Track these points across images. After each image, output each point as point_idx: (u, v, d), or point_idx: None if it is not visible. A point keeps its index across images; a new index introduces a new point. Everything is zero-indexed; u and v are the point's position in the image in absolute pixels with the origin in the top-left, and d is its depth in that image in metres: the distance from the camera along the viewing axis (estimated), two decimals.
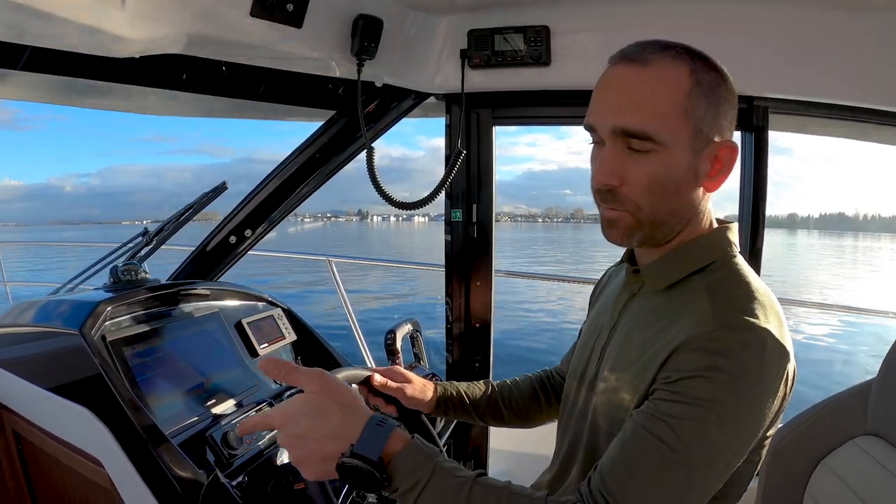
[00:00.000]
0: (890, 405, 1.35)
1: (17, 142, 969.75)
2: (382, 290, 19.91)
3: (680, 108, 0.93)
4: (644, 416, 0.90)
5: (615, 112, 0.95)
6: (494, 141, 2.18)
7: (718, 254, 1.02)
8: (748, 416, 0.87)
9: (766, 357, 0.87)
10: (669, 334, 0.94)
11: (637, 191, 0.97)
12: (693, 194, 0.99)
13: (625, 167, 0.96)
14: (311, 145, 2.18)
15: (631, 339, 1.05)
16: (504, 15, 1.90)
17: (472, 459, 2.43)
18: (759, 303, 0.92)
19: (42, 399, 1.55)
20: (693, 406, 0.85)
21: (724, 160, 0.98)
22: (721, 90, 0.97)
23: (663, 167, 0.95)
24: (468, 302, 2.29)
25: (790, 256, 64.94)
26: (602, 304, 1.26)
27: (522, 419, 1.51)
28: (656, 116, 0.93)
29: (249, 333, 1.92)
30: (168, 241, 2.09)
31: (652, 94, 0.93)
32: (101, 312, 1.54)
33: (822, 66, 1.82)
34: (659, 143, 0.93)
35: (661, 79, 0.93)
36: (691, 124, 0.94)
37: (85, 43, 1.34)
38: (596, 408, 1.08)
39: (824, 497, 1.40)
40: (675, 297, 1.02)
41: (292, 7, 1.55)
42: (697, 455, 0.85)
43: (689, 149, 0.95)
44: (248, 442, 1.57)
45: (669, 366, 0.90)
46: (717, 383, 0.85)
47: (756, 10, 1.78)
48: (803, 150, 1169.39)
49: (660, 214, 0.99)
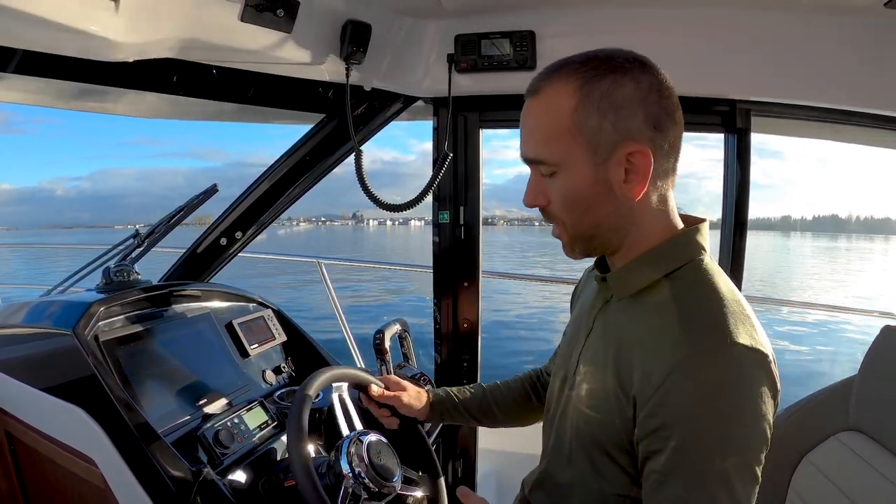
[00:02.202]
0: (871, 401, 1.38)
1: (8, 145, 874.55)
2: (374, 290, 19.94)
3: (565, 129, 0.96)
4: (653, 486, 0.91)
5: (522, 144, 1.03)
6: (481, 143, 2.21)
7: (686, 257, 1.02)
8: (746, 431, 0.88)
9: (742, 368, 0.88)
10: (644, 351, 0.95)
11: (557, 208, 1.03)
12: (614, 204, 1.00)
13: (544, 188, 1.03)
14: (300, 148, 2.20)
15: (605, 346, 1.06)
16: (490, 20, 1.93)
17: (460, 459, 2.45)
18: (728, 312, 0.92)
19: (35, 399, 1.56)
20: (691, 450, 0.86)
21: (637, 165, 0.96)
22: (620, 94, 0.94)
23: (568, 185, 0.99)
24: (456, 302, 2.31)
25: (784, 259, 65.05)
26: (580, 308, 1.28)
27: (515, 419, 1.55)
28: (544, 141, 0.98)
29: (240, 334, 1.94)
30: (161, 244, 2.11)
31: (539, 122, 0.99)
32: (93, 313, 1.55)
33: (803, 70, 1.85)
34: (555, 164, 0.98)
35: (546, 105, 0.98)
36: (583, 140, 0.95)
37: (77, 47, 1.35)
38: (576, 412, 1.10)
39: (808, 492, 1.43)
40: (644, 306, 1.02)
41: (282, 12, 1.57)
42: (715, 489, 0.86)
43: (589, 162, 0.97)
44: (239, 440, 1.59)
45: (648, 401, 0.90)
46: (704, 412, 0.86)
47: (737, 15, 1.81)
48: (795, 152, 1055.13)
49: (583, 228, 1.03)
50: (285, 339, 2.11)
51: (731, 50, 1.87)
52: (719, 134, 2.08)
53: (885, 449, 1.31)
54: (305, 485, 1.14)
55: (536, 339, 12.84)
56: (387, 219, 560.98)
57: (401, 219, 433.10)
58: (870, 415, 1.38)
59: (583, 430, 1.07)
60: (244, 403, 1.74)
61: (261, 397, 1.81)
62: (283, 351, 2.11)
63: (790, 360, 10.77)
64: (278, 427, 1.72)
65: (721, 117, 2.03)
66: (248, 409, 1.71)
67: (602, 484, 1.05)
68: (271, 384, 1.93)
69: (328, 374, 1.37)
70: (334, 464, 1.30)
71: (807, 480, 1.45)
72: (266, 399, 1.81)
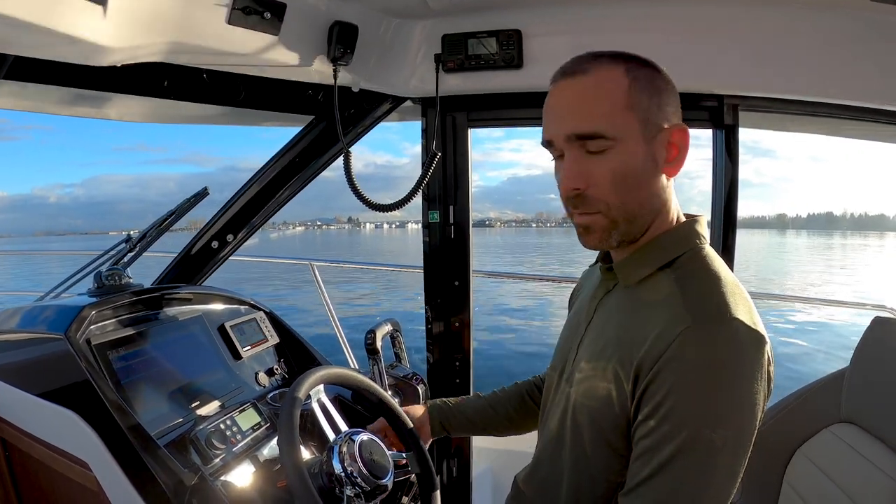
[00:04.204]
0: (862, 393, 1.39)
1: (1, 152, 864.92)
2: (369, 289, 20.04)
3: (623, 104, 0.98)
4: (642, 450, 0.94)
5: (566, 121, 1.01)
6: (470, 143, 2.22)
7: (687, 245, 1.06)
8: (737, 406, 0.90)
9: (742, 345, 0.90)
10: (646, 328, 0.97)
11: (604, 189, 1.01)
12: (657, 182, 1.03)
13: (587, 170, 1.01)
14: (290, 150, 2.21)
15: (606, 332, 1.09)
16: (477, 19, 1.94)
17: (455, 458, 2.45)
18: (728, 292, 0.96)
19: (28, 404, 1.55)
20: (684, 416, 0.89)
21: (679, 143, 1.02)
22: (658, 81, 1.02)
23: (622, 161, 0.99)
24: (447, 302, 2.32)
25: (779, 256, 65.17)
26: (579, 304, 1.30)
27: (516, 429, 1.57)
28: (603, 116, 0.98)
29: (232, 336, 1.94)
30: (153, 249, 2.11)
31: (595, 97, 0.99)
32: (85, 317, 1.55)
33: (790, 64, 1.87)
34: (612, 138, 0.98)
35: (600, 82, 0.99)
36: (638, 116, 0.99)
37: (66, 52, 1.35)
38: (573, 399, 1.12)
39: (802, 484, 1.44)
40: (648, 291, 1.05)
41: (269, 15, 1.58)
42: (698, 460, 0.89)
43: (642, 138, 0.99)
44: (233, 442, 1.59)
45: (649, 371, 0.93)
46: (700, 381, 0.89)
47: (723, 11, 1.82)
48: (787, 150, 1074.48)
49: (630, 208, 1.03)
50: (278, 341, 2.11)
51: (718, 46, 1.88)
52: (707, 130, 2.08)
53: (878, 440, 1.32)
54: (297, 486, 1.15)
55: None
56: (383, 222, 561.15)
57: (397, 222, 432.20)
58: (862, 406, 1.39)
59: (580, 413, 1.09)
60: (237, 405, 1.74)
61: (254, 399, 1.81)
62: (276, 353, 2.11)
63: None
64: (271, 428, 1.72)
65: (709, 113, 2.04)
66: (241, 410, 1.71)
67: (593, 470, 1.07)
68: (264, 386, 1.93)
69: (317, 375, 1.37)
70: (326, 464, 1.31)
71: (801, 473, 1.46)
72: (259, 401, 1.80)
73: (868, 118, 1.96)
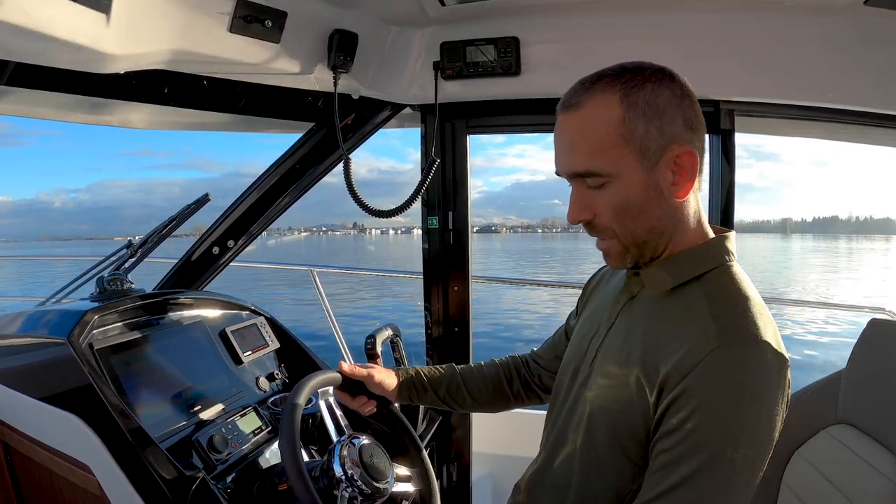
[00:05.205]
0: (859, 394, 1.40)
1: (6, 157, 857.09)
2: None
3: (616, 139, 0.98)
4: (662, 464, 0.95)
5: (564, 159, 1.04)
6: (469, 149, 2.24)
7: (717, 262, 1.06)
8: (760, 427, 0.92)
9: (768, 368, 0.92)
10: (674, 342, 0.98)
11: (608, 220, 1.04)
12: (663, 207, 1.03)
13: (591, 203, 1.04)
14: (290, 157, 2.23)
15: (631, 340, 1.08)
16: (475, 27, 1.96)
17: (455, 462, 2.46)
18: (757, 314, 0.97)
19: (31, 408, 1.56)
20: (708, 435, 0.90)
21: (686, 165, 1.00)
22: (660, 100, 0.99)
23: (621, 194, 1.01)
24: (446, 307, 2.33)
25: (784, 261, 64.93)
26: (599, 303, 1.29)
27: (485, 405, 1.55)
28: (595, 154, 0.99)
29: (233, 341, 1.94)
30: (154, 254, 2.12)
31: (586, 134, 1.00)
32: (88, 321, 1.56)
33: (785, 69, 1.88)
34: (607, 175, 1.00)
35: (591, 118, 0.99)
36: (634, 147, 0.98)
37: (69, 59, 1.36)
38: (590, 401, 1.12)
39: (800, 486, 1.45)
40: (677, 304, 1.05)
41: (270, 23, 1.60)
42: (719, 476, 0.91)
43: (641, 168, 0.99)
44: (234, 445, 1.60)
45: (676, 386, 0.94)
46: (726, 400, 0.90)
47: (718, 17, 1.84)
48: (790, 155, 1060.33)
49: (637, 235, 1.04)
50: (278, 346, 2.12)
51: (713, 52, 1.90)
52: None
53: (875, 441, 1.32)
54: (299, 488, 1.16)
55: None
56: (389, 228, 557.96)
57: (403, 227, 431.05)
58: (859, 407, 1.40)
59: (597, 418, 1.09)
60: (238, 409, 1.75)
61: (255, 403, 1.82)
62: (277, 358, 2.12)
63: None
64: (272, 432, 1.73)
65: (705, 118, 2.04)
66: (242, 414, 1.72)
67: (605, 476, 1.07)
68: (265, 391, 1.94)
69: (316, 380, 1.38)
70: (327, 467, 1.32)
71: (799, 475, 1.46)
72: (260, 405, 1.82)
73: (863, 122, 1.97)
